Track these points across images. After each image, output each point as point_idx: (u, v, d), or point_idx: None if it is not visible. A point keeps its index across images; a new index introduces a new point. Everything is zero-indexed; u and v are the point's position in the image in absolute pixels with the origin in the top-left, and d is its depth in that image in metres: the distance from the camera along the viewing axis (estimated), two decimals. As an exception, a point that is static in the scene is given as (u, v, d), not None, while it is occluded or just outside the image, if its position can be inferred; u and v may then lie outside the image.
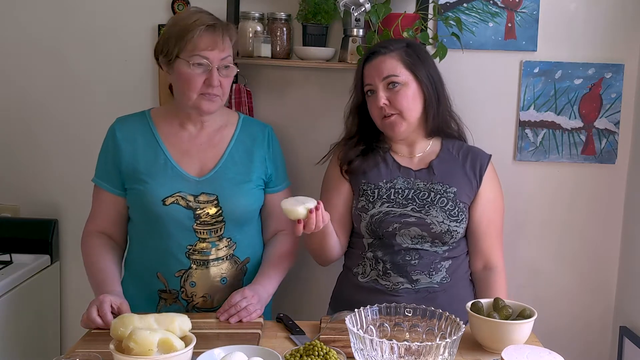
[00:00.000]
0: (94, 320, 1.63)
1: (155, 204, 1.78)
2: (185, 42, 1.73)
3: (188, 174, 1.82)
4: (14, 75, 2.40)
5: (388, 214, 1.82)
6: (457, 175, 1.86)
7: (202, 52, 1.73)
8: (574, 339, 2.37)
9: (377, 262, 1.84)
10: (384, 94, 1.81)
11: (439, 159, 1.89)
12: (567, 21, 2.24)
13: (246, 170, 1.86)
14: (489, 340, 1.55)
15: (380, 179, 1.87)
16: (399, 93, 1.81)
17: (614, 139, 2.28)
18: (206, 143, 1.86)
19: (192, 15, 1.76)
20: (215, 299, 1.84)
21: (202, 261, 1.82)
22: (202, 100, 1.77)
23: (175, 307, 1.84)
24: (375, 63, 1.83)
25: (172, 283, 1.83)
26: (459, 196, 1.83)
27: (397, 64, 1.82)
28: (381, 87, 1.81)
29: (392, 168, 1.88)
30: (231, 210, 1.82)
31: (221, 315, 1.71)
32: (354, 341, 1.34)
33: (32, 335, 2.32)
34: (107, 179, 1.85)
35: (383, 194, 1.85)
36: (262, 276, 1.84)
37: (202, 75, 1.75)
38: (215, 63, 1.75)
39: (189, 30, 1.72)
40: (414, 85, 1.82)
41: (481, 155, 1.91)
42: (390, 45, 1.85)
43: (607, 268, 2.35)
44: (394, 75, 1.81)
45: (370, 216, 1.83)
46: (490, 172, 1.90)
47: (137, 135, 1.84)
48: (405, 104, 1.81)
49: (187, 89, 1.76)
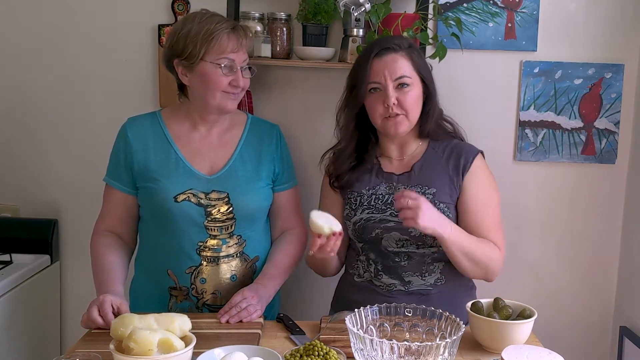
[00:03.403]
0: (94, 320, 1.64)
1: (167, 200, 1.80)
2: (212, 46, 1.76)
3: (199, 172, 1.84)
4: (14, 75, 2.41)
5: (369, 220, 1.82)
6: (438, 176, 1.82)
7: (229, 54, 1.77)
8: (574, 339, 2.37)
9: (369, 264, 1.84)
10: (394, 93, 1.77)
11: (422, 160, 1.85)
12: (567, 21, 2.24)
13: (255, 169, 1.88)
14: (489, 340, 1.55)
15: (363, 187, 1.86)
16: (408, 94, 1.78)
17: (614, 139, 2.28)
18: (216, 142, 1.89)
19: (210, 17, 1.79)
20: (225, 295, 1.85)
21: (212, 258, 1.83)
22: (227, 99, 1.81)
23: (186, 303, 1.85)
24: (388, 60, 1.78)
25: (183, 280, 1.84)
26: (439, 196, 1.79)
27: (407, 63, 1.78)
28: (392, 85, 1.77)
29: (376, 175, 1.87)
30: (242, 207, 1.84)
31: (222, 317, 1.71)
32: (354, 341, 1.34)
33: (32, 335, 2.32)
34: (119, 178, 1.87)
35: (364, 201, 1.84)
36: (264, 276, 1.85)
37: (228, 76, 1.79)
38: (239, 64, 1.80)
39: (216, 34, 1.76)
40: (419, 86, 1.81)
41: (467, 151, 1.85)
42: (400, 43, 1.80)
43: (607, 268, 2.35)
44: (406, 76, 1.77)
45: (353, 223, 1.84)
46: (477, 167, 1.83)
47: (148, 135, 1.86)
48: (413, 105, 1.79)
49: (213, 89, 1.79)
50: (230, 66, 1.78)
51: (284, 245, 1.94)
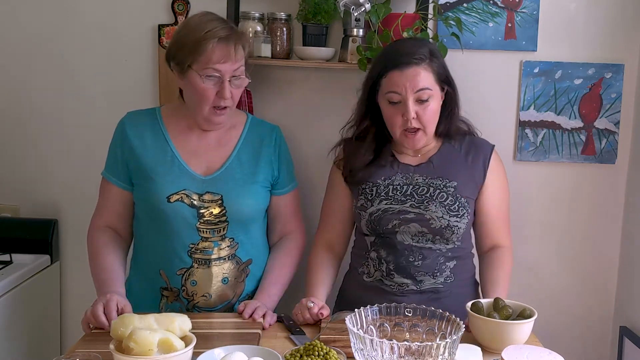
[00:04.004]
0: (98, 317, 1.63)
1: (160, 201, 1.79)
2: (198, 55, 1.72)
3: (194, 172, 1.82)
4: (14, 75, 2.40)
5: (386, 211, 1.81)
6: (459, 169, 1.85)
7: (215, 65, 1.73)
8: (574, 339, 2.37)
9: (380, 262, 1.83)
10: (413, 107, 1.75)
11: (439, 153, 1.87)
12: (567, 21, 2.24)
13: (252, 171, 1.87)
14: (489, 340, 1.55)
15: (379, 177, 1.86)
16: (427, 108, 1.76)
17: (614, 139, 2.28)
18: (214, 143, 1.87)
19: (205, 24, 1.74)
20: (216, 298, 1.85)
21: (204, 260, 1.82)
22: (213, 115, 1.79)
23: (177, 305, 1.85)
24: (409, 74, 1.74)
25: (174, 281, 1.83)
26: (460, 191, 1.82)
27: (430, 76, 1.75)
28: (412, 99, 1.75)
29: (391, 165, 1.87)
30: (235, 210, 1.83)
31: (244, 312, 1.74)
32: (354, 341, 1.34)
33: (32, 335, 2.31)
34: (116, 172, 1.86)
35: (381, 192, 1.84)
36: (264, 292, 1.85)
37: (214, 88, 1.75)
38: (227, 75, 1.75)
39: (202, 43, 1.71)
40: (439, 97, 1.80)
41: (484, 146, 1.90)
42: (420, 53, 1.76)
43: (607, 268, 2.35)
44: (428, 89, 1.75)
45: (369, 214, 1.83)
46: (494, 163, 1.88)
47: (146, 131, 1.85)
48: (431, 119, 1.79)
49: (199, 101, 1.77)
50: (217, 77, 1.74)
51: (283, 257, 1.93)
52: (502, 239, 1.90)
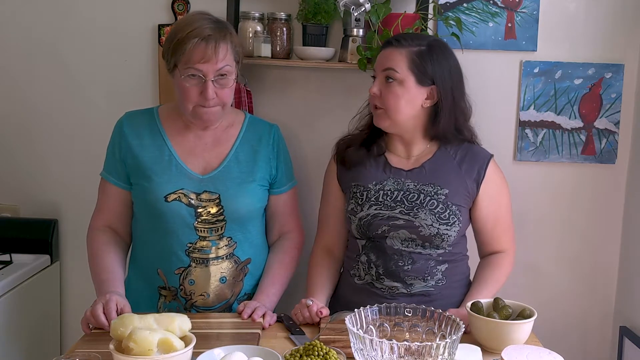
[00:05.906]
0: (98, 317, 1.63)
1: (157, 200, 1.79)
2: (180, 54, 1.72)
3: (192, 172, 1.82)
4: (14, 75, 2.40)
5: (376, 216, 1.81)
6: (452, 177, 1.82)
7: (196, 64, 1.72)
8: (574, 339, 2.37)
9: (370, 266, 1.83)
10: (378, 84, 1.80)
11: (433, 158, 1.84)
12: (567, 21, 2.24)
13: (250, 170, 1.86)
14: (489, 340, 1.55)
15: (369, 181, 1.85)
16: (389, 89, 1.77)
17: (614, 139, 2.28)
18: (212, 142, 1.87)
19: (190, 24, 1.74)
20: (214, 297, 1.85)
21: (201, 259, 1.82)
22: (201, 112, 1.78)
23: (174, 304, 1.85)
24: (385, 52, 1.80)
25: (172, 280, 1.84)
26: (452, 198, 1.79)
27: (402, 59, 1.77)
28: (380, 77, 1.80)
29: (383, 169, 1.86)
30: (233, 209, 1.82)
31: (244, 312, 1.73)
32: (354, 341, 1.34)
33: (32, 335, 2.32)
34: (114, 172, 1.86)
35: (371, 197, 1.82)
36: (262, 293, 1.85)
37: (196, 87, 1.74)
38: (209, 75, 1.73)
39: (183, 43, 1.71)
40: (410, 86, 1.77)
41: (481, 155, 1.86)
42: (406, 41, 1.79)
43: (607, 268, 2.35)
44: (392, 70, 1.77)
45: (359, 219, 1.82)
46: (491, 172, 1.84)
47: (144, 131, 1.86)
48: (392, 103, 1.77)
49: (182, 100, 1.78)
50: (197, 77, 1.73)
51: (281, 256, 1.93)
52: (502, 245, 1.89)
